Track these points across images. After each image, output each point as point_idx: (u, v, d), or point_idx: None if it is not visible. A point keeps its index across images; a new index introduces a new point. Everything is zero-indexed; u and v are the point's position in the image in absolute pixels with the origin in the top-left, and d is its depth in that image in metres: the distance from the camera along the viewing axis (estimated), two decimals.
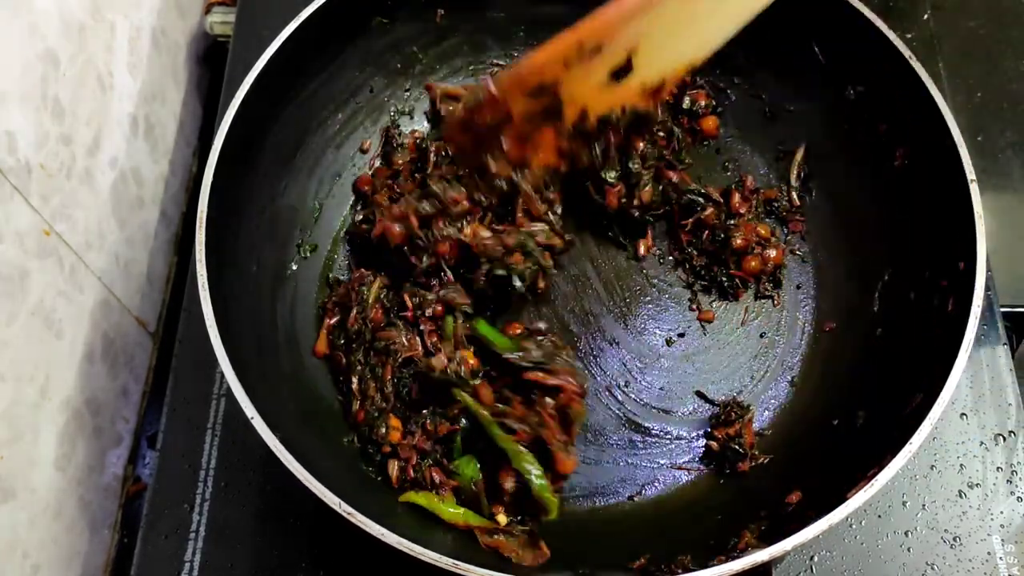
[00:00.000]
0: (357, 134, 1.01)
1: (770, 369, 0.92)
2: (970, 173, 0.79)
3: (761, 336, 0.94)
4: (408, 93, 1.04)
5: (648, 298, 0.97)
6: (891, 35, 0.86)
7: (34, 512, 0.86)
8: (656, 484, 0.87)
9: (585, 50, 0.76)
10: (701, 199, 0.97)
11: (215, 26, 1.23)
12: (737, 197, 0.98)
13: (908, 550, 0.83)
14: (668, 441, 0.89)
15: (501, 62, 1.07)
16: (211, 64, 1.28)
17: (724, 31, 0.78)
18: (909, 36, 1.11)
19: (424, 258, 0.89)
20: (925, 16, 1.15)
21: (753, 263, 0.94)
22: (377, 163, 1.01)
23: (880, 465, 0.67)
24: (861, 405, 0.83)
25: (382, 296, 0.90)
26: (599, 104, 0.81)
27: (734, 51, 0.99)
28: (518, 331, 0.89)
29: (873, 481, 0.66)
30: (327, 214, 0.98)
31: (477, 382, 0.84)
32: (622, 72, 0.78)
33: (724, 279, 0.95)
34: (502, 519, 0.80)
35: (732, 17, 0.77)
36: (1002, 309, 0.96)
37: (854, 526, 0.84)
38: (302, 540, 0.84)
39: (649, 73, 0.79)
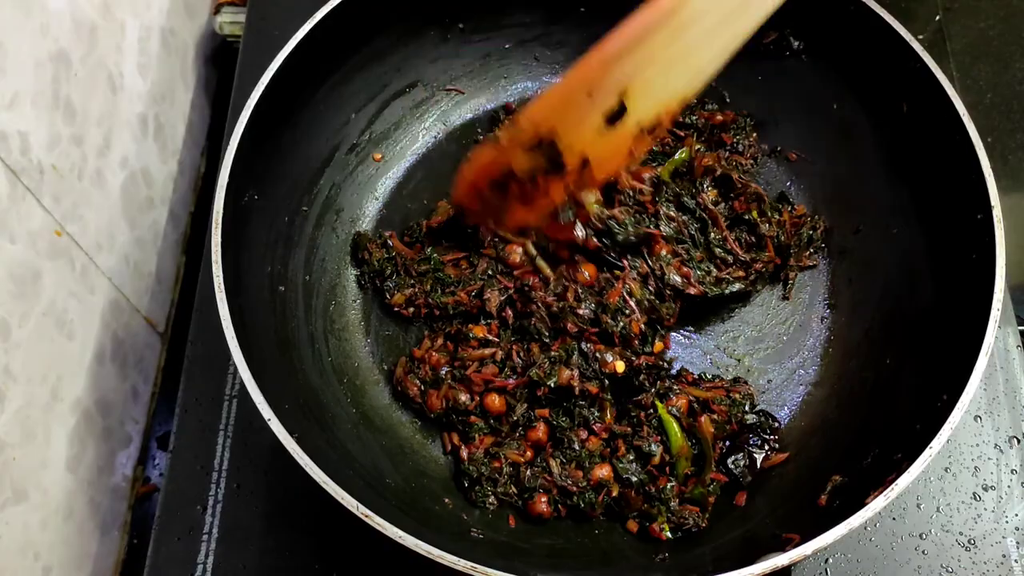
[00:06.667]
0: (371, 136, 1.01)
1: (785, 371, 0.92)
2: (989, 176, 0.78)
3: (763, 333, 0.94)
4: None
5: None
6: (907, 36, 0.86)
7: (46, 513, 0.86)
8: None
9: (575, 97, 0.76)
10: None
11: (224, 26, 1.23)
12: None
13: (923, 553, 0.83)
14: None
15: (517, 68, 1.07)
16: (220, 64, 1.28)
17: (715, 63, 0.77)
18: (920, 37, 1.10)
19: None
20: (936, 17, 1.15)
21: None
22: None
23: (899, 470, 0.67)
24: (878, 409, 0.82)
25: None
26: (598, 150, 0.80)
27: (736, 53, 1.00)
28: None
29: (893, 486, 0.66)
30: (342, 215, 0.98)
31: None
32: (617, 115, 0.77)
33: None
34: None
35: (722, 48, 0.76)
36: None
37: (868, 529, 0.83)
38: (314, 541, 0.84)
39: (644, 113, 0.78)
